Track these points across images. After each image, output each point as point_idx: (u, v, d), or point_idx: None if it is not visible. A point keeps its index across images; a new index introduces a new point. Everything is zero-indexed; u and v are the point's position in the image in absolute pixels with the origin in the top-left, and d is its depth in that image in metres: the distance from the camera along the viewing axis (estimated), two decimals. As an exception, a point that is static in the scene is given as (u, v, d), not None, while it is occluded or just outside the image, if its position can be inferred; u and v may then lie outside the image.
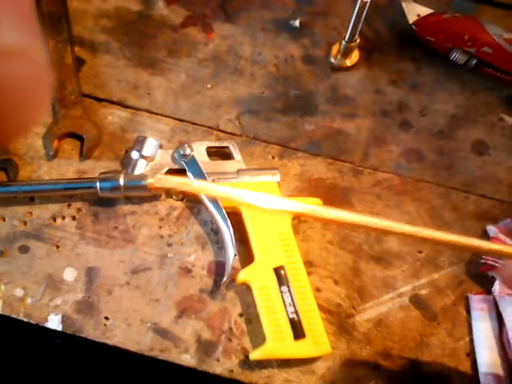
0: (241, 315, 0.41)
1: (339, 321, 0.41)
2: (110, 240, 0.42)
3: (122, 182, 0.41)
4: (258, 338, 0.40)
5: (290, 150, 0.45)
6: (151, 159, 0.43)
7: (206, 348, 0.40)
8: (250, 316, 0.41)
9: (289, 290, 0.39)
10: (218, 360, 0.40)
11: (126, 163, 0.43)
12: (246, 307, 0.41)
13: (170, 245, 0.42)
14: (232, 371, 0.40)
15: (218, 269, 0.42)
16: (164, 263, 0.42)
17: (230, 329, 0.41)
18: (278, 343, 0.38)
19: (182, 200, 0.43)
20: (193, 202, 0.43)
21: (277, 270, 0.39)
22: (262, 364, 0.40)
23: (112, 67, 0.47)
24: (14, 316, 0.41)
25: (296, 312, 0.39)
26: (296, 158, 0.45)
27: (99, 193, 0.41)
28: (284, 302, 0.39)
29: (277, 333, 0.38)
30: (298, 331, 0.38)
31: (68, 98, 0.45)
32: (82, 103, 0.45)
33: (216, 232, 0.43)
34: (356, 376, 0.40)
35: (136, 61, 0.47)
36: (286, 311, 0.39)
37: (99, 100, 0.46)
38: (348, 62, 0.47)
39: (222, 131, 0.45)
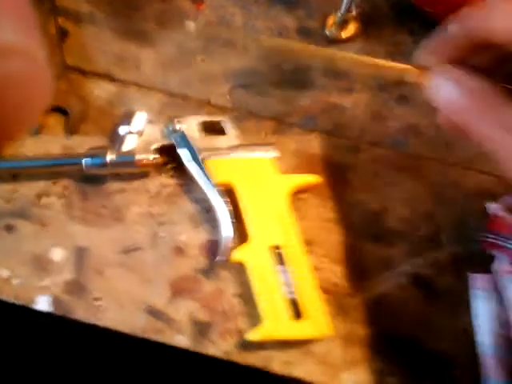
0: (237, 295, 0.40)
1: (338, 301, 0.40)
2: (98, 219, 0.41)
3: (109, 158, 0.39)
4: (255, 319, 0.39)
5: (284, 126, 0.44)
6: (140, 134, 0.41)
7: (200, 329, 0.39)
8: (247, 296, 0.39)
9: (286, 270, 0.38)
10: (213, 341, 0.39)
11: (114, 139, 0.41)
12: (242, 287, 0.40)
13: (161, 224, 0.41)
14: (228, 352, 0.39)
15: (211, 248, 0.40)
16: (156, 243, 0.40)
17: (226, 309, 0.39)
18: (275, 324, 0.37)
19: (173, 177, 0.42)
20: (184, 179, 0.42)
21: (273, 249, 0.38)
22: (260, 345, 0.39)
23: (97, 39, 0.45)
24: (0, 297, 0.39)
25: (294, 292, 0.38)
26: (291, 133, 0.43)
27: (86, 170, 0.40)
28: (281, 281, 0.38)
29: (274, 313, 0.37)
30: (296, 311, 0.37)
31: (52, 70, 0.43)
32: (67, 76, 0.43)
33: (208, 210, 0.41)
34: (356, 357, 0.39)
35: (122, 32, 0.45)
36: (283, 291, 0.38)
37: (84, 73, 0.44)
38: (343, 35, 0.46)
39: (213, 106, 0.44)
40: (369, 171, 0.43)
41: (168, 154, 0.41)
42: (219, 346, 0.39)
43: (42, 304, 0.39)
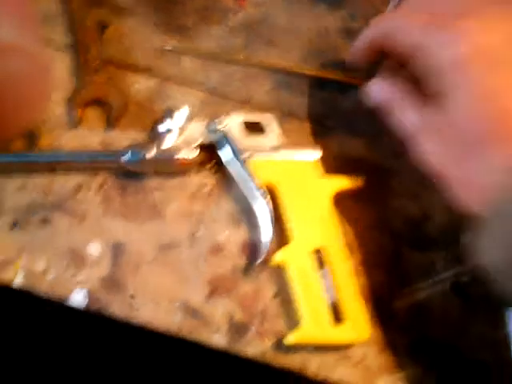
0: (275, 297, 0.39)
1: (377, 306, 0.39)
2: (136, 215, 0.40)
3: (151, 155, 0.39)
4: (293, 322, 0.38)
5: (326, 128, 0.43)
6: (181, 132, 0.40)
7: (237, 329, 0.39)
8: (285, 298, 0.39)
9: (328, 273, 0.37)
10: (250, 342, 0.38)
11: (155, 135, 0.41)
12: (281, 289, 0.39)
13: (200, 222, 0.40)
14: (265, 354, 0.38)
15: (251, 248, 0.40)
16: (194, 241, 0.40)
17: (264, 310, 0.39)
18: (314, 328, 0.37)
19: (214, 175, 0.41)
20: (225, 177, 0.41)
21: (315, 252, 0.38)
22: (296, 348, 0.38)
23: (138, 33, 0.44)
24: (35, 292, 0.39)
25: (334, 296, 0.37)
26: (333, 136, 0.43)
27: (126, 166, 0.39)
28: (322, 285, 0.37)
29: (314, 317, 0.37)
30: (336, 316, 0.37)
31: (92, 62, 0.42)
32: (107, 69, 0.43)
33: (248, 210, 0.41)
34: (393, 362, 0.39)
35: (163, 27, 0.45)
36: (324, 295, 0.37)
37: (125, 67, 0.43)
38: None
39: (254, 105, 0.43)
40: (412, 177, 0.42)
41: (209, 152, 0.41)
42: (256, 347, 0.38)
43: (77, 299, 0.39)
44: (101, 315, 0.39)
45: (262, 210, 0.39)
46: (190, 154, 0.40)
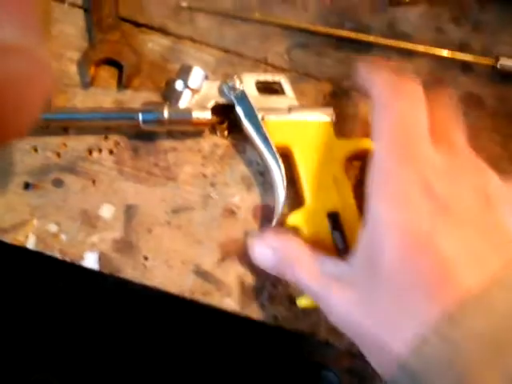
0: (287, 261, 0.39)
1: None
2: (149, 177, 0.40)
3: (166, 114, 0.38)
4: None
5: (342, 89, 0.42)
6: (197, 91, 0.39)
7: (249, 293, 0.39)
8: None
9: (342, 236, 0.37)
10: (262, 306, 0.38)
11: (169, 94, 0.40)
12: (293, 253, 0.39)
13: (213, 184, 0.40)
14: (276, 318, 0.38)
15: (264, 212, 0.40)
16: (207, 203, 0.40)
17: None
18: None
19: (227, 137, 0.41)
20: (238, 139, 0.41)
21: (330, 215, 0.37)
22: (308, 312, 0.38)
23: (152, -11, 0.43)
24: (47, 253, 0.39)
25: None
26: (349, 97, 0.42)
27: (141, 125, 0.38)
28: (337, 248, 0.37)
29: None
30: None
31: (105, 20, 0.41)
32: (120, 28, 0.42)
33: (262, 173, 0.40)
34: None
35: (178, -16, 0.43)
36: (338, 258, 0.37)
37: (138, 25, 0.42)
38: (407, -4, 0.44)
39: (270, 65, 0.42)
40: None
41: (224, 112, 0.40)
42: (268, 311, 0.38)
43: (90, 261, 0.39)
44: (113, 277, 0.39)
45: (275, 170, 0.38)
46: (205, 114, 0.39)
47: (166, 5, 0.43)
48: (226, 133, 0.41)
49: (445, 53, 0.43)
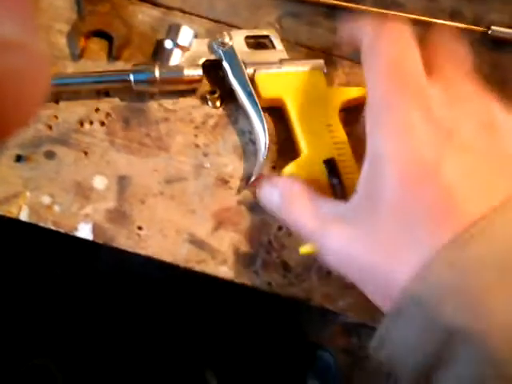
0: (280, 228, 0.39)
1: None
2: (141, 148, 0.40)
3: (157, 73, 0.38)
4: (299, 252, 0.38)
5: (334, 58, 0.42)
6: (186, 49, 0.39)
7: (243, 261, 0.39)
8: (290, 229, 0.39)
9: (340, 182, 0.37)
10: (256, 273, 0.39)
11: (160, 54, 0.40)
12: (287, 220, 0.39)
13: (206, 154, 0.40)
14: (270, 284, 0.38)
15: (256, 180, 0.40)
16: (200, 173, 0.40)
17: (269, 242, 0.39)
18: None
19: (219, 108, 0.41)
20: (231, 109, 0.41)
21: (327, 162, 0.37)
22: (302, 277, 0.38)
23: (141, -39, 0.43)
24: (41, 224, 0.39)
25: None
26: (341, 66, 0.42)
27: (133, 86, 0.38)
28: (336, 194, 0.37)
29: None
30: None
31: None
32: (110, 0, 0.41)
33: (255, 142, 0.40)
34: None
35: (167, -46, 0.43)
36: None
37: (128, -4, 0.42)
38: (397, -35, 0.44)
39: (260, 35, 0.42)
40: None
41: (215, 71, 0.40)
42: (262, 278, 0.39)
43: (84, 231, 0.39)
44: (108, 247, 0.39)
45: (258, 126, 0.38)
46: (196, 71, 0.39)
47: (156, -25, 0.42)
48: (218, 103, 0.41)
49: (437, 21, 0.43)
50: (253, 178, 0.39)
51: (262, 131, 0.38)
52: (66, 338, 0.64)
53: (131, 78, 0.38)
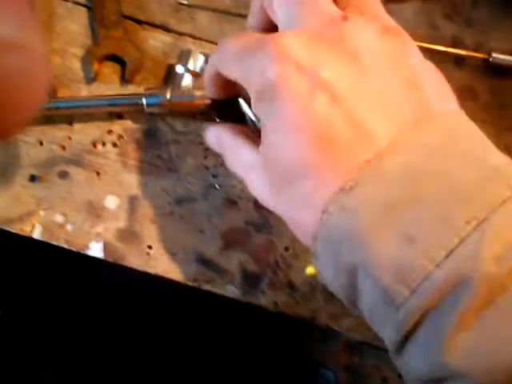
0: (287, 249, 0.40)
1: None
2: (152, 168, 0.41)
3: (169, 96, 0.39)
4: (305, 272, 0.39)
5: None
6: (198, 74, 0.41)
7: (251, 280, 0.40)
8: (297, 250, 0.40)
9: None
10: (263, 292, 0.39)
11: (171, 79, 0.41)
12: (293, 241, 0.40)
13: (215, 176, 0.41)
14: (277, 304, 0.39)
15: (264, 202, 0.41)
16: (209, 194, 0.41)
17: (276, 262, 0.40)
18: None
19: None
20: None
21: None
22: (308, 297, 0.39)
23: (154, -12, 0.44)
24: (53, 243, 0.40)
25: None
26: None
27: (145, 109, 0.39)
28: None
29: None
30: None
31: (108, 18, 0.42)
32: (123, 25, 0.43)
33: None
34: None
35: (178, -18, 0.45)
36: None
37: (140, 23, 0.44)
38: (401, -7, 0.45)
39: (268, 60, 0.43)
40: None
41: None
42: (268, 297, 0.39)
43: (95, 250, 0.40)
44: (118, 266, 0.40)
45: None
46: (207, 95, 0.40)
47: (167, 3, 0.44)
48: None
49: (439, 47, 0.44)
50: None
51: None
52: (67, 354, 0.65)
53: (144, 101, 0.39)
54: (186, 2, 0.43)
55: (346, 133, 0.26)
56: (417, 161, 0.25)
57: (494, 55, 0.44)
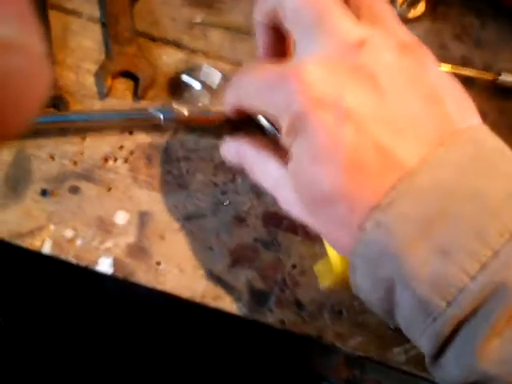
0: (294, 267, 0.40)
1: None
2: (163, 184, 0.41)
3: (186, 112, 0.40)
4: (312, 290, 0.40)
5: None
6: (214, 90, 0.42)
7: (258, 298, 0.40)
8: (304, 268, 0.40)
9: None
10: (270, 310, 0.40)
11: (186, 92, 0.42)
12: (300, 259, 0.40)
13: (224, 193, 0.41)
14: (284, 322, 0.40)
15: (272, 219, 0.41)
16: (218, 211, 0.41)
17: (283, 280, 0.40)
18: (344, 264, 0.36)
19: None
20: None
21: None
22: (315, 316, 0.40)
23: (167, 5, 0.45)
24: (63, 258, 0.40)
25: None
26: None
27: (162, 124, 0.40)
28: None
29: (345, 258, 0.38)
30: None
31: (122, 34, 0.43)
32: (136, 41, 0.43)
33: (272, 182, 0.42)
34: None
35: (192, 0, 0.45)
36: None
37: (153, 39, 0.44)
38: (411, 14, 0.46)
39: (279, 79, 0.44)
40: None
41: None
42: (276, 315, 0.40)
43: (104, 266, 0.40)
44: (127, 282, 0.40)
45: None
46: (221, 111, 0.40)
47: (181, 20, 0.44)
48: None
49: (448, 67, 0.44)
50: None
51: None
52: (70, 366, 0.65)
53: (161, 116, 0.40)
54: (199, 20, 0.44)
55: (375, 158, 0.27)
56: (447, 177, 0.26)
57: (502, 76, 0.44)
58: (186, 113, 0.40)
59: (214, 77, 0.41)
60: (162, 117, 0.40)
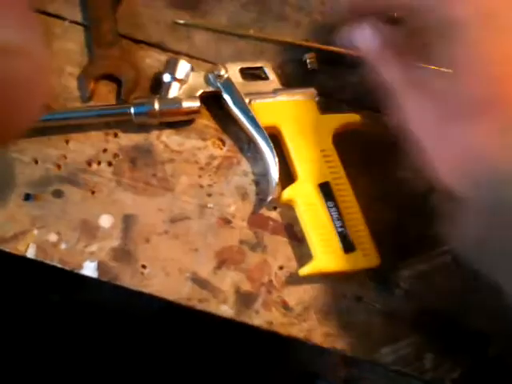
0: (281, 268, 0.40)
1: (380, 275, 0.40)
2: (147, 187, 0.41)
3: (157, 106, 0.40)
4: (299, 291, 0.39)
5: (334, 102, 0.43)
6: (184, 82, 0.41)
7: (245, 299, 0.40)
8: (291, 269, 0.40)
9: (335, 205, 0.39)
10: (257, 312, 0.39)
11: (158, 88, 0.42)
12: (287, 260, 0.40)
13: (209, 195, 0.41)
14: (271, 323, 0.39)
15: (258, 220, 0.41)
16: (203, 213, 0.41)
17: (270, 281, 0.40)
18: (327, 256, 0.38)
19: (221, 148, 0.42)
20: (234, 152, 0.42)
21: (322, 186, 0.39)
22: (302, 317, 0.39)
23: (150, 7, 0.45)
24: (47, 262, 0.40)
25: (344, 226, 0.39)
26: (340, 110, 0.43)
27: (134, 119, 0.40)
28: (331, 216, 0.39)
29: (326, 247, 0.38)
30: (347, 244, 0.38)
31: (104, 37, 0.43)
32: (119, 44, 0.43)
33: (257, 183, 0.41)
34: (394, 332, 0.39)
35: (175, 2, 0.45)
36: (334, 226, 0.39)
37: (137, 42, 0.44)
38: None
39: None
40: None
41: (212, 101, 0.42)
42: (263, 317, 0.39)
43: (89, 269, 0.40)
44: (112, 285, 0.40)
45: (266, 149, 0.40)
46: (194, 102, 0.41)
47: (164, 22, 0.44)
48: (220, 144, 0.42)
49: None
50: (269, 198, 0.40)
51: (269, 151, 0.40)
52: (60, 370, 0.64)
53: (132, 110, 0.40)
54: (182, 22, 0.44)
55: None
56: None
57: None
58: (156, 106, 0.40)
59: (184, 68, 0.41)
60: (133, 111, 0.40)
